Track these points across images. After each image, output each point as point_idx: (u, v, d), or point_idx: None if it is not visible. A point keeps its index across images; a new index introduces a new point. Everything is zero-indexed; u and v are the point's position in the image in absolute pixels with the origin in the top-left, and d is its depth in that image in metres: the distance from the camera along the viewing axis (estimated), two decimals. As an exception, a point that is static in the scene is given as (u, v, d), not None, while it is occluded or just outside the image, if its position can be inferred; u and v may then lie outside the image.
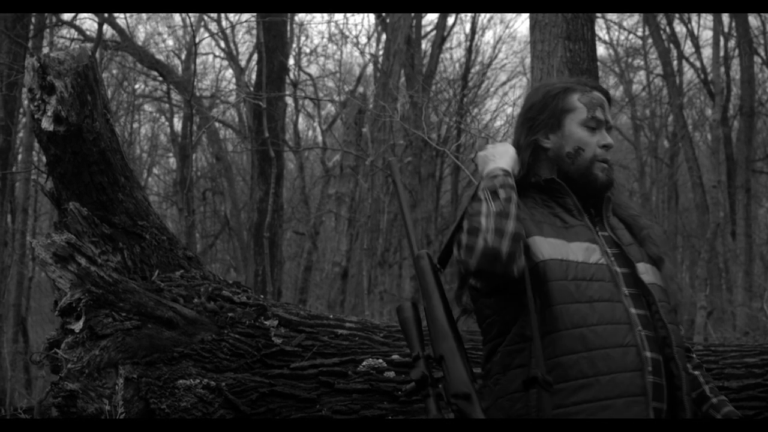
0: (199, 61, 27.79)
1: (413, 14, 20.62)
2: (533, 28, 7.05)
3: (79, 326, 3.86)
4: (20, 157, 18.04)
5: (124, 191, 4.52)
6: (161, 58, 25.02)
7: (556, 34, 6.84)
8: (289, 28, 22.36)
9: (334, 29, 36.46)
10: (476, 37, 27.34)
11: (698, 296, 19.27)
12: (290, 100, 23.65)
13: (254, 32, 22.10)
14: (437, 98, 24.44)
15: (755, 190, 25.02)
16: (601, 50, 29.47)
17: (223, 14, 23.57)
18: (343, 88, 25.65)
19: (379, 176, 20.10)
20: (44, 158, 4.58)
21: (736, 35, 23.40)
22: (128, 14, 18.96)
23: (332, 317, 4.58)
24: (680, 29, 26.53)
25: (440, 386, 2.94)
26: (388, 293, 21.26)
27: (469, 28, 27.32)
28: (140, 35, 27.52)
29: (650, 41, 26.83)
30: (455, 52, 30.56)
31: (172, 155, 30.26)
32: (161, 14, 24.87)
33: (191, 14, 17.63)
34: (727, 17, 23.35)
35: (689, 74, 27.70)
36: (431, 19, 25.48)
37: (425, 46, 24.99)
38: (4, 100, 15.64)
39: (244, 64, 26.79)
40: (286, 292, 22.31)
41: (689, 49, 27.00)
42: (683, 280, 26.44)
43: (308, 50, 29.46)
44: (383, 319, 17.24)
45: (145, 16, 24.77)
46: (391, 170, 3.47)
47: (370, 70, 25.75)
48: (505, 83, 30.03)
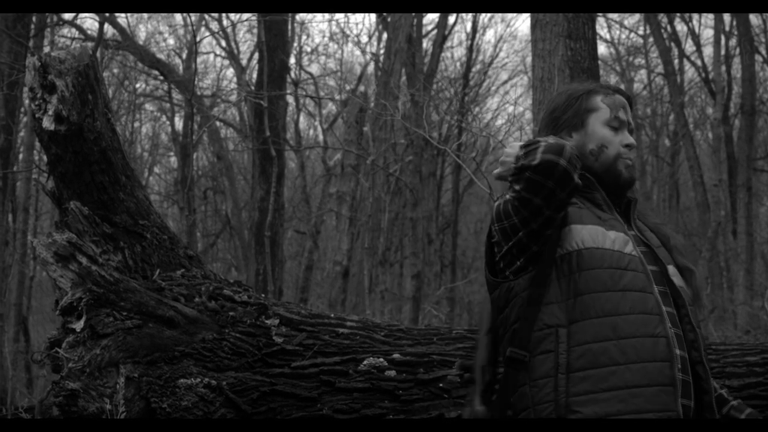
0: (200, 60, 27.83)
1: (414, 13, 20.61)
2: (534, 26, 7.04)
3: (80, 325, 3.86)
4: (21, 156, 18.04)
5: (125, 190, 4.52)
6: (162, 57, 25.07)
7: (557, 32, 6.84)
8: (290, 26, 22.37)
9: (335, 28, 36.57)
10: (477, 35, 27.42)
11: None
12: (291, 99, 23.66)
13: (255, 31, 22.11)
14: (438, 97, 24.48)
15: (756, 188, 25.02)
16: (602, 49, 29.51)
17: (223, 13, 23.56)
18: (344, 86, 25.67)
19: (380, 175, 20.10)
20: (45, 157, 4.58)
21: (737, 34, 23.40)
22: (129, 14, 18.97)
23: (333, 316, 4.58)
24: (681, 28, 26.57)
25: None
26: (389, 292, 21.27)
27: (470, 26, 27.39)
28: (141, 34, 27.58)
29: (651, 40, 26.83)
30: (456, 50, 30.60)
31: (173, 154, 30.28)
32: (162, 13, 24.88)
33: (192, 13, 17.62)
34: (728, 16, 23.35)
35: (690, 73, 27.74)
36: (432, 17, 25.52)
37: (426, 44, 25.02)
38: (5, 99, 15.63)
39: (245, 62, 26.80)
40: (287, 291, 22.31)
41: (690, 47, 27.04)
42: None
43: (309, 49, 29.57)
44: (384, 318, 17.25)
45: (145, 15, 24.81)
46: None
47: (371, 68, 25.81)
48: (506, 82, 30.08)
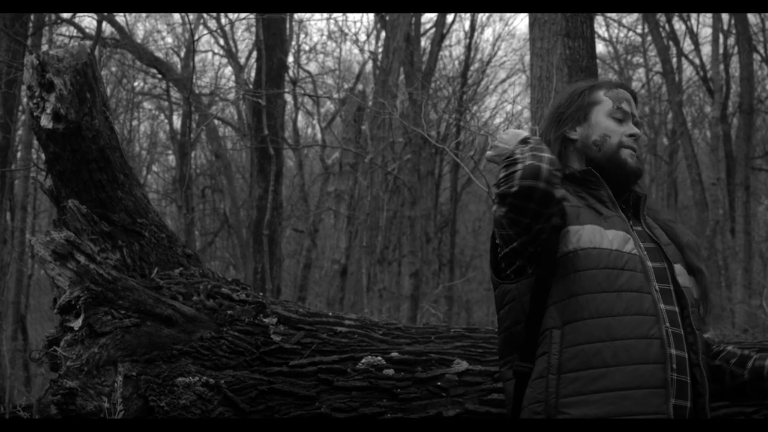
0: (198, 58, 27.79)
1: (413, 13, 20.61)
2: (532, 25, 7.05)
3: (78, 324, 3.86)
4: (19, 154, 18.05)
5: (123, 189, 4.52)
6: (160, 55, 25.03)
7: (555, 31, 6.84)
8: (288, 25, 22.34)
9: (333, 27, 36.57)
10: (475, 34, 27.39)
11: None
12: (289, 97, 23.66)
13: (253, 29, 22.10)
14: (436, 95, 24.44)
15: (754, 187, 25.01)
16: (600, 47, 29.50)
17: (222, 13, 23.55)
18: (342, 85, 25.65)
19: (378, 174, 20.10)
20: (43, 156, 4.57)
21: (735, 32, 23.41)
22: (127, 13, 18.96)
23: (331, 315, 4.58)
24: (679, 27, 26.57)
25: None
26: (387, 291, 21.27)
27: (468, 25, 27.31)
28: (139, 33, 27.64)
29: (649, 38, 26.83)
30: (454, 49, 30.66)
31: (171, 153, 30.28)
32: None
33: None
34: (726, 14, 23.36)
35: (688, 71, 27.74)
36: (431, 16, 25.52)
37: (424, 43, 25.02)
38: (3, 97, 15.61)
39: (243, 61, 26.80)
40: (285, 289, 22.30)
41: (688, 46, 27.05)
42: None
43: (307, 47, 29.45)
44: (382, 316, 17.25)
45: (144, 13, 24.78)
46: None
47: (369, 67, 25.77)
48: (504, 80, 30.04)
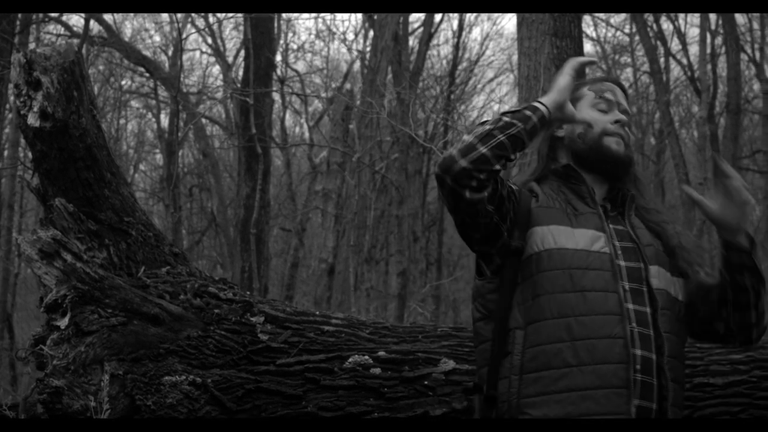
0: (186, 57, 27.69)
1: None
2: (520, 25, 7.06)
3: (64, 323, 3.85)
4: (6, 153, 18.06)
5: (110, 187, 4.51)
6: (148, 54, 24.96)
7: (543, 31, 6.86)
8: (276, 24, 22.33)
9: (321, 26, 36.58)
10: (463, 34, 27.40)
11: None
12: (277, 96, 23.61)
13: (241, 28, 22.09)
14: (424, 95, 24.44)
15: (741, 187, 24.99)
16: (588, 47, 29.51)
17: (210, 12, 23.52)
18: (330, 84, 25.60)
19: (365, 173, 20.09)
20: (30, 154, 4.57)
21: (722, 32, 23.47)
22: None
23: (318, 314, 4.57)
24: (667, 26, 26.62)
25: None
26: (374, 290, 21.24)
27: (456, 25, 27.23)
28: (127, 31, 27.45)
29: (637, 38, 26.85)
30: (442, 48, 30.76)
31: (158, 151, 30.17)
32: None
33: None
34: (714, 14, 23.42)
35: (676, 71, 27.78)
36: (419, 15, 25.46)
37: (412, 42, 24.95)
38: (-10, 95, 15.61)
39: (231, 60, 26.75)
40: (272, 288, 22.28)
41: (676, 46, 27.07)
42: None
43: (295, 47, 29.37)
44: (370, 315, 17.25)
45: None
46: None
47: (357, 66, 25.74)
48: (492, 80, 30.05)
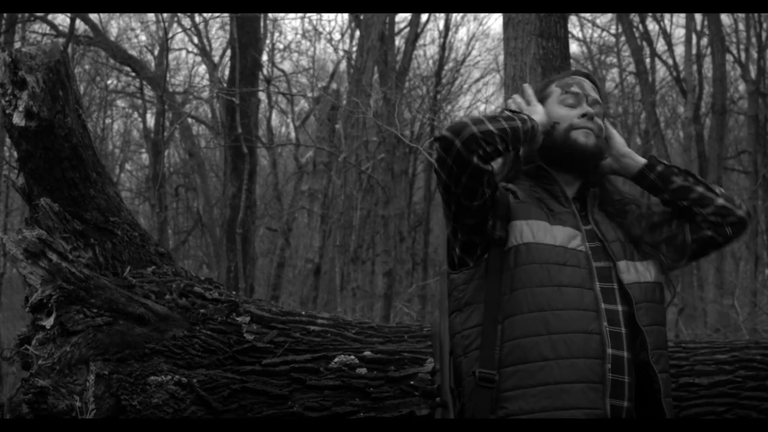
0: (172, 56, 27.74)
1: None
2: (506, 25, 7.06)
3: (50, 322, 3.85)
4: (-9, 152, 17.96)
5: (95, 187, 4.50)
6: (134, 53, 24.98)
7: (529, 31, 6.85)
8: (262, 24, 22.31)
9: (307, 25, 36.52)
10: (450, 34, 27.51)
11: (669, 293, 19.36)
12: (263, 96, 23.59)
13: (228, 28, 22.07)
14: (410, 95, 24.50)
15: (726, 187, 25.01)
16: (574, 47, 29.62)
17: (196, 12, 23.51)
18: (316, 84, 25.59)
19: (352, 173, 20.11)
20: (15, 154, 4.56)
21: (708, 33, 23.55)
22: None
23: (304, 314, 4.57)
24: (653, 27, 26.68)
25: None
26: (360, 290, 21.29)
27: (442, 25, 27.34)
28: (113, 30, 27.46)
29: (623, 39, 26.92)
30: (429, 48, 30.73)
31: (144, 151, 30.23)
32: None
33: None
34: (699, 15, 23.48)
35: (662, 72, 27.88)
36: (405, 15, 25.50)
37: (399, 42, 24.99)
38: (-25, 95, 15.52)
39: (217, 59, 26.76)
40: (258, 288, 22.28)
41: (662, 46, 27.16)
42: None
43: (282, 46, 29.46)
44: (356, 315, 17.27)
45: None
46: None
47: (343, 66, 25.85)
48: (478, 80, 30.16)
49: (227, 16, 19.52)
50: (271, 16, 24.39)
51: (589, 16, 27.64)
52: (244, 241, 17.33)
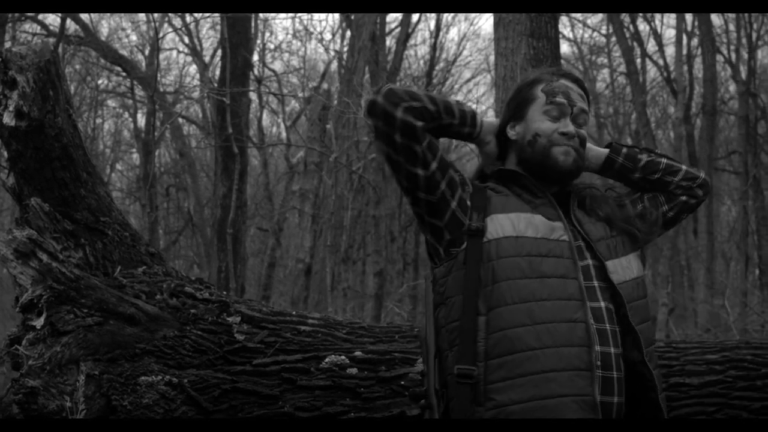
0: (162, 56, 27.74)
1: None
2: (497, 25, 7.06)
3: (40, 323, 3.84)
4: (-19, 152, 17.92)
5: (86, 187, 4.50)
6: (124, 53, 24.96)
7: (519, 31, 6.85)
8: (253, 24, 22.29)
9: (298, 25, 36.52)
10: (441, 34, 27.54)
11: (660, 293, 19.40)
12: (254, 96, 23.58)
13: (218, 28, 22.06)
14: (401, 95, 24.38)
15: (717, 188, 25.23)
16: (564, 48, 29.73)
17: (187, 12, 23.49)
18: (307, 84, 25.60)
19: (343, 173, 20.10)
20: (6, 153, 4.55)
21: (698, 34, 23.61)
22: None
23: (295, 314, 4.57)
24: (644, 27, 26.77)
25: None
26: (351, 290, 21.25)
27: (433, 25, 27.35)
28: (104, 30, 27.46)
29: (614, 39, 26.98)
30: (420, 48, 30.72)
31: (135, 151, 30.22)
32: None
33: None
34: (690, 16, 23.52)
35: (652, 72, 27.96)
36: (396, 15, 25.51)
37: (390, 42, 24.98)
38: (-35, 94, 15.48)
39: (208, 59, 26.74)
40: (249, 288, 22.26)
41: (652, 47, 27.25)
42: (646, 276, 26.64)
43: (273, 46, 29.45)
44: (346, 315, 17.25)
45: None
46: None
47: (334, 66, 25.82)
48: (469, 80, 30.23)
49: (218, 16, 19.52)
50: (261, 16, 24.39)
51: (580, 16, 27.73)
52: (234, 241, 17.33)
